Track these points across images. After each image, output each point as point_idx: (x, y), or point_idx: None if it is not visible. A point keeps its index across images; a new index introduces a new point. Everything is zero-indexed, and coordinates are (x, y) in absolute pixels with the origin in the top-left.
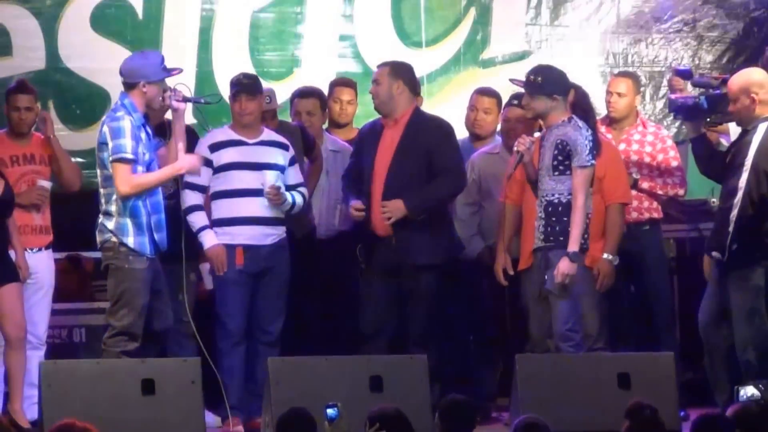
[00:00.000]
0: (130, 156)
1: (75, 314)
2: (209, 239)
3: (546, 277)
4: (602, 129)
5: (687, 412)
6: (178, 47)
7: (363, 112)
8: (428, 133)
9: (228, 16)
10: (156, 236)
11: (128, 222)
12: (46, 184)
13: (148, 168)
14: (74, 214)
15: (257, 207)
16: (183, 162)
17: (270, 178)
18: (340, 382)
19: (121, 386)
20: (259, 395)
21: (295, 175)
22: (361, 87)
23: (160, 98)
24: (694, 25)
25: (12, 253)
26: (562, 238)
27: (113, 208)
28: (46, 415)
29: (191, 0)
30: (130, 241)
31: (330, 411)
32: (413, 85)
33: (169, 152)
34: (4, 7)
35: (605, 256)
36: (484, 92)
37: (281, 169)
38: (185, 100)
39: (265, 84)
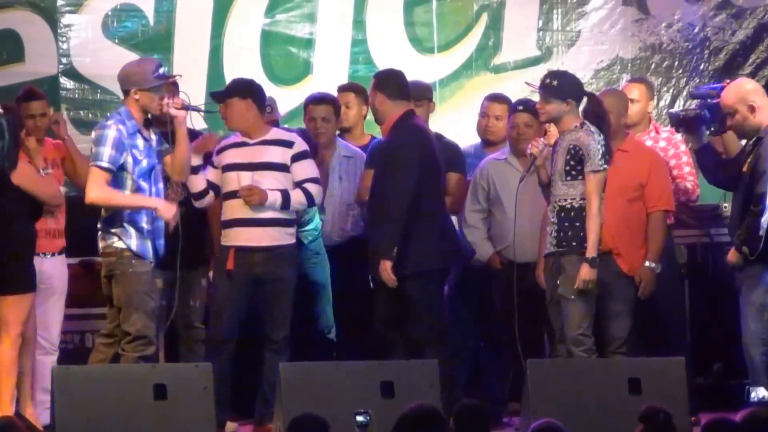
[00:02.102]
0: (105, 164)
1: (88, 319)
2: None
3: (558, 281)
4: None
5: (698, 417)
6: (189, 53)
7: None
8: (388, 144)
9: (239, 22)
10: (156, 243)
11: (130, 226)
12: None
13: (149, 174)
14: (87, 219)
15: (251, 208)
16: (160, 203)
17: (244, 178)
18: (351, 388)
19: (133, 391)
20: (270, 402)
21: (301, 171)
22: None
23: (158, 106)
24: (703, 31)
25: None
26: (574, 243)
27: (115, 213)
28: (58, 421)
29: (202, 6)
30: (133, 244)
31: (360, 418)
32: (396, 92)
33: (173, 160)
34: (16, 13)
35: (647, 263)
36: (495, 98)
37: (280, 167)
38: (184, 107)
39: (277, 89)
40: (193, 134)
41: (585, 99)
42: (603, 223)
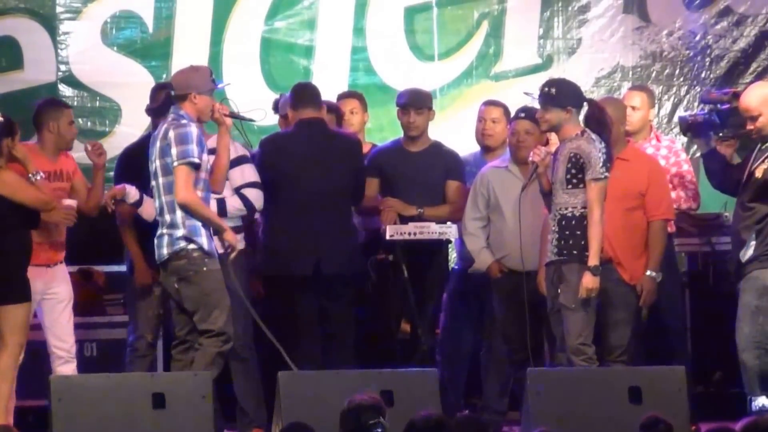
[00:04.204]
0: (196, 161)
1: (87, 328)
2: None
3: (559, 290)
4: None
5: (699, 426)
6: (188, 60)
7: (375, 126)
8: None
9: (239, 29)
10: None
11: (198, 224)
12: (72, 203)
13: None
14: (85, 228)
15: None
16: (231, 234)
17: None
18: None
19: (132, 400)
20: (245, 410)
21: (238, 177)
22: (372, 100)
23: (210, 111)
24: (704, 39)
25: None
26: (575, 252)
27: (179, 214)
28: (56, 430)
29: (202, 13)
30: (204, 241)
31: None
32: (298, 102)
33: (216, 166)
34: (14, 20)
35: (648, 273)
36: (491, 102)
37: None
38: (231, 115)
39: (276, 97)
40: None
41: (586, 106)
42: (603, 231)
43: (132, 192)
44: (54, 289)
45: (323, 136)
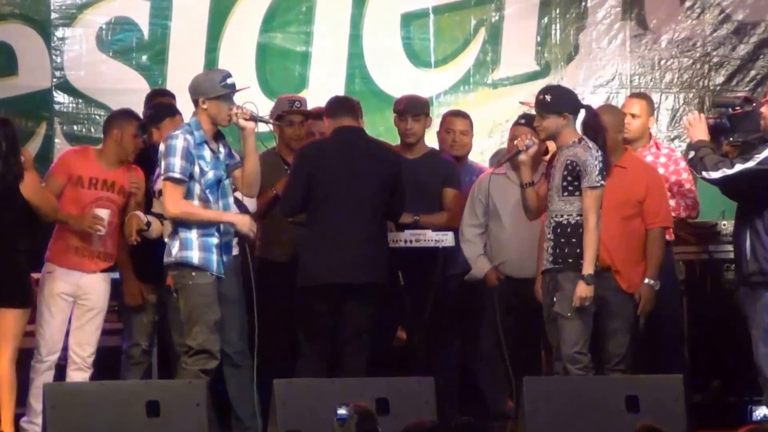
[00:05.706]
0: (177, 175)
1: None
2: None
3: (555, 299)
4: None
5: None
6: (184, 67)
7: (372, 133)
8: None
9: (235, 36)
10: (224, 257)
11: (192, 236)
12: (102, 212)
13: (216, 187)
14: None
15: None
16: (237, 218)
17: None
18: None
19: (126, 408)
20: (241, 418)
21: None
22: (369, 107)
23: (226, 116)
24: (704, 46)
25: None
26: (571, 260)
27: (176, 225)
28: None
29: (198, 19)
30: (194, 255)
31: (341, 411)
32: (333, 110)
33: (243, 173)
34: (9, 26)
35: (646, 281)
36: (458, 114)
37: None
38: (253, 119)
39: (272, 104)
40: None
41: (582, 112)
42: (601, 239)
43: (141, 216)
44: (88, 296)
45: (361, 144)
